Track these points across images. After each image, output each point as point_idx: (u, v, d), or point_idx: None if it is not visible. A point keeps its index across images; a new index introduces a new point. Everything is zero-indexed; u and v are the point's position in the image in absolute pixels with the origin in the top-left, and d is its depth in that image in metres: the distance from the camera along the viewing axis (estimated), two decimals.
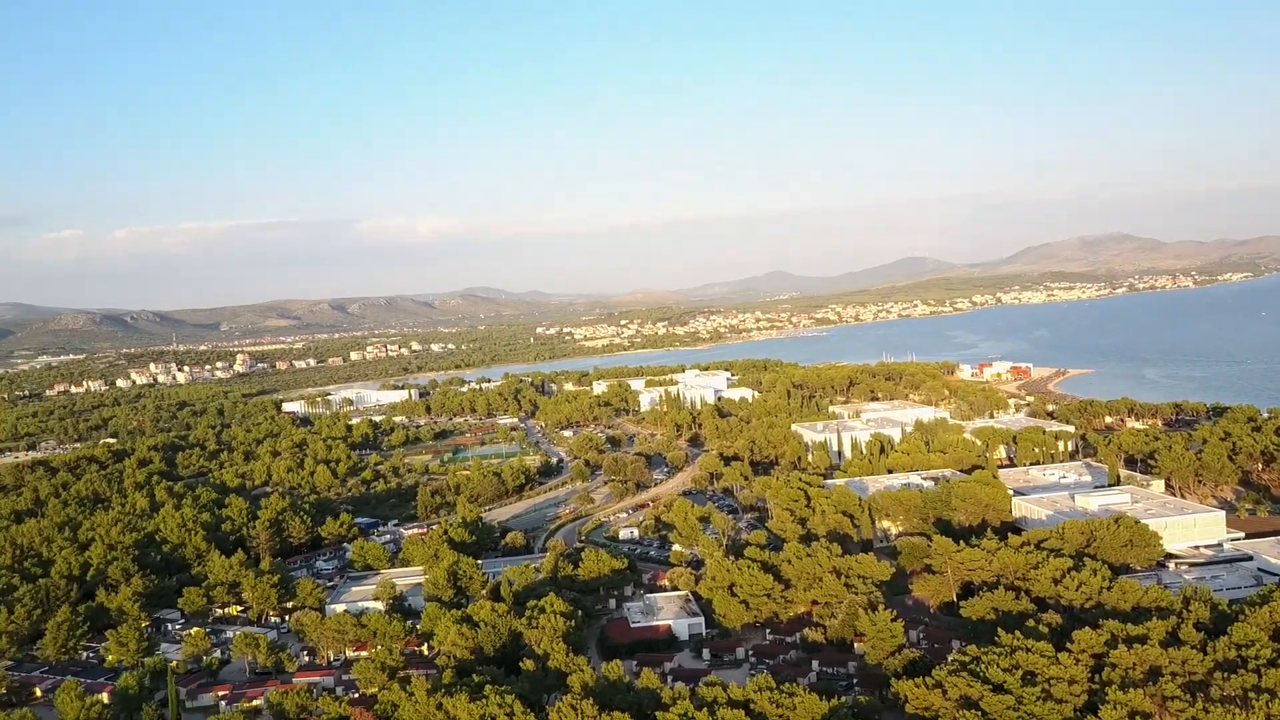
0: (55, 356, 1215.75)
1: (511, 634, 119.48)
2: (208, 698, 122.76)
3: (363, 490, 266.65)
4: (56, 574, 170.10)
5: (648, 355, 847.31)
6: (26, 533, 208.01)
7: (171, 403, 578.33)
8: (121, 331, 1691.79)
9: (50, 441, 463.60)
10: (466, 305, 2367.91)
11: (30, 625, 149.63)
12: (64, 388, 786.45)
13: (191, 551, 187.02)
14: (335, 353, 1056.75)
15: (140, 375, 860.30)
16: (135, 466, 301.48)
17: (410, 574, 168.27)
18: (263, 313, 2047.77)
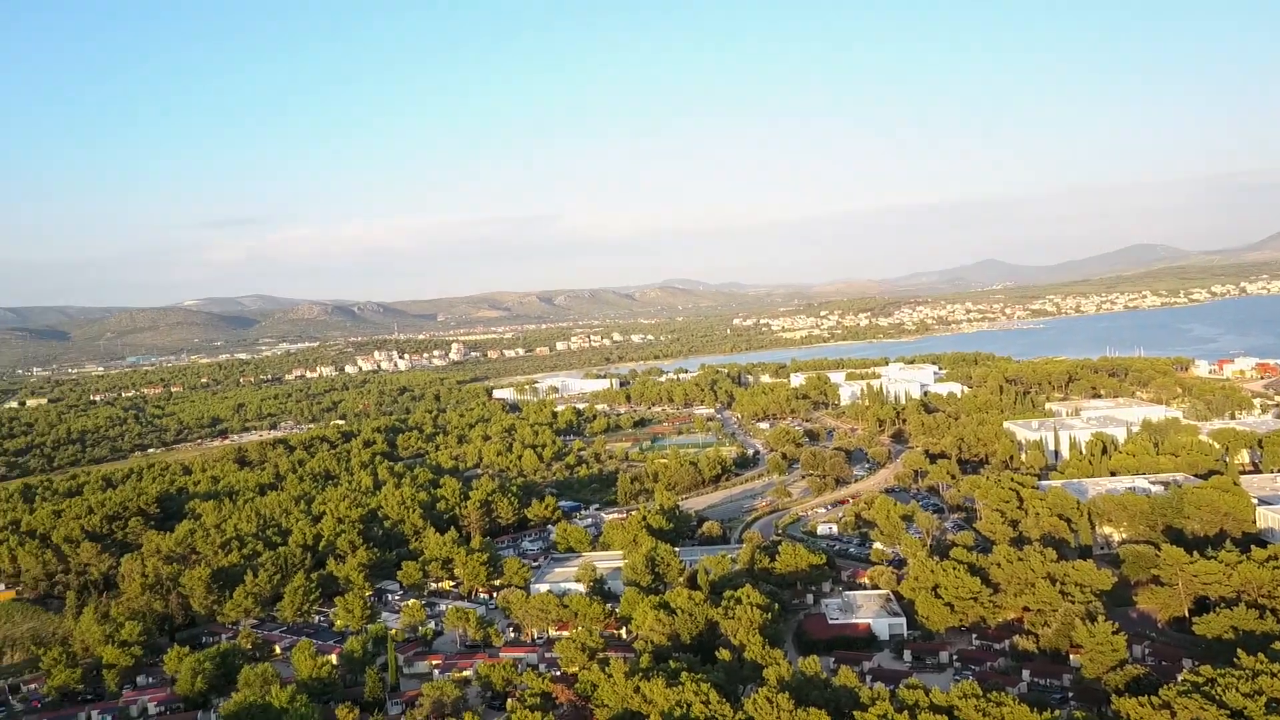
0: (293, 344, 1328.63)
1: (708, 623, 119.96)
2: (423, 666, 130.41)
3: (566, 475, 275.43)
4: (294, 543, 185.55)
5: (848, 347, 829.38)
6: (269, 504, 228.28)
7: (393, 388, 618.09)
8: (350, 321, 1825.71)
9: (289, 421, 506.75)
10: (665, 297, 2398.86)
11: (272, 589, 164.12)
12: (301, 373, 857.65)
13: (409, 528, 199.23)
14: (542, 342, 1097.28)
15: (366, 362, 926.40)
16: (361, 447, 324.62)
17: (610, 558, 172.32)
18: (476, 304, 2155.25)
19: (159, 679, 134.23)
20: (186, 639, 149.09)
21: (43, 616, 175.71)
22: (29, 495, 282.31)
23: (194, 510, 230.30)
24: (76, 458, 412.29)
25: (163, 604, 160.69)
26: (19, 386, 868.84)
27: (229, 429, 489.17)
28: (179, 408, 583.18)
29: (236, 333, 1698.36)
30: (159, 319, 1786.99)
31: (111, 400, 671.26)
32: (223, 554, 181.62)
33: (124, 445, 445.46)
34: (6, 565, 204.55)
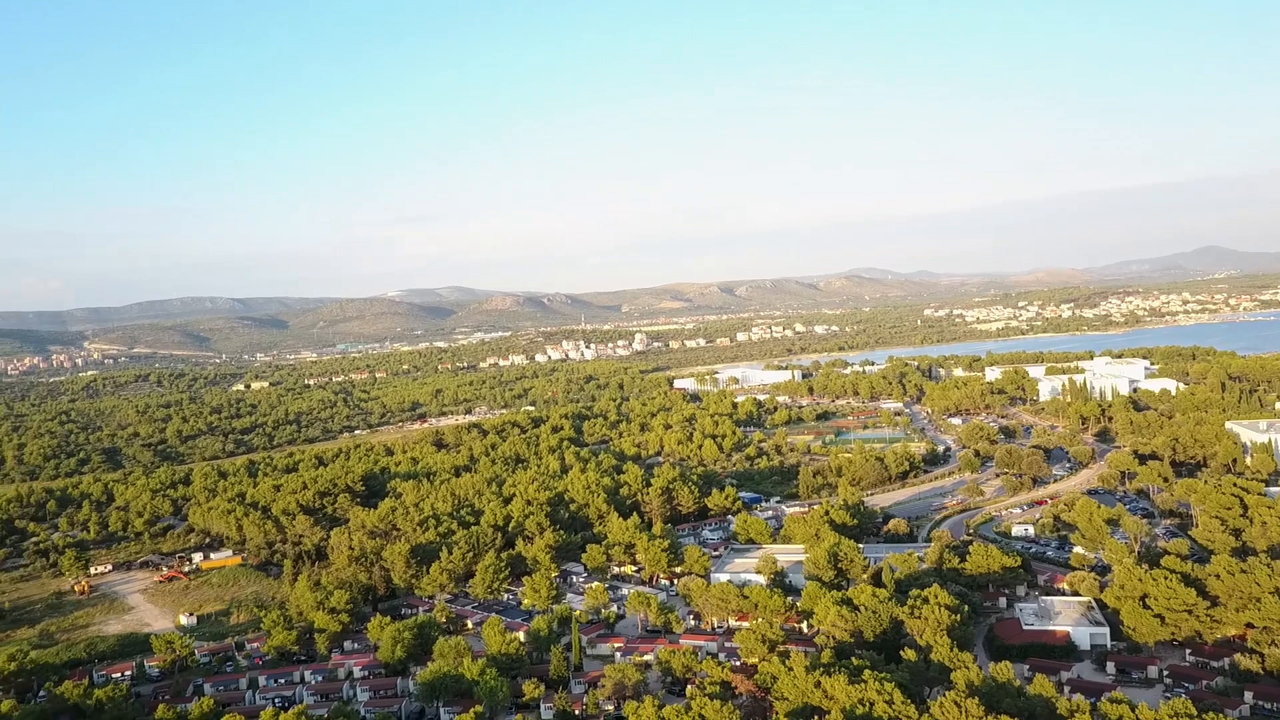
0: (487, 333, 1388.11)
1: (892, 621, 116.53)
2: (605, 648, 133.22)
3: (746, 466, 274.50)
4: (485, 523, 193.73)
5: (1048, 340, 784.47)
6: (463, 485, 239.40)
7: (580, 376, 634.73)
8: (540, 312, 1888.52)
9: (482, 407, 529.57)
10: (851, 286, 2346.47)
11: (465, 566, 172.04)
12: (494, 360, 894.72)
13: (594, 512, 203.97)
14: (723, 333, 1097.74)
15: (554, 351, 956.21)
16: (549, 432, 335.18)
17: (791, 551, 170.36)
18: (658, 295, 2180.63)
19: (363, 645, 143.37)
20: (387, 609, 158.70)
21: (264, 581, 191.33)
22: (253, 471, 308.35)
23: (395, 489, 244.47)
24: (293, 437, 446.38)
25: (367, 575, 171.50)
26: (245, 371, 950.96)
27: (427, 413, 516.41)
28: (383, 392, 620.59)
29: (435, 322, 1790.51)
30: (365, 309, 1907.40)
31: (323, 384, 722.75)
32: (420, 531, 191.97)
33: (334, 426, 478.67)
34: (234, 533, 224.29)
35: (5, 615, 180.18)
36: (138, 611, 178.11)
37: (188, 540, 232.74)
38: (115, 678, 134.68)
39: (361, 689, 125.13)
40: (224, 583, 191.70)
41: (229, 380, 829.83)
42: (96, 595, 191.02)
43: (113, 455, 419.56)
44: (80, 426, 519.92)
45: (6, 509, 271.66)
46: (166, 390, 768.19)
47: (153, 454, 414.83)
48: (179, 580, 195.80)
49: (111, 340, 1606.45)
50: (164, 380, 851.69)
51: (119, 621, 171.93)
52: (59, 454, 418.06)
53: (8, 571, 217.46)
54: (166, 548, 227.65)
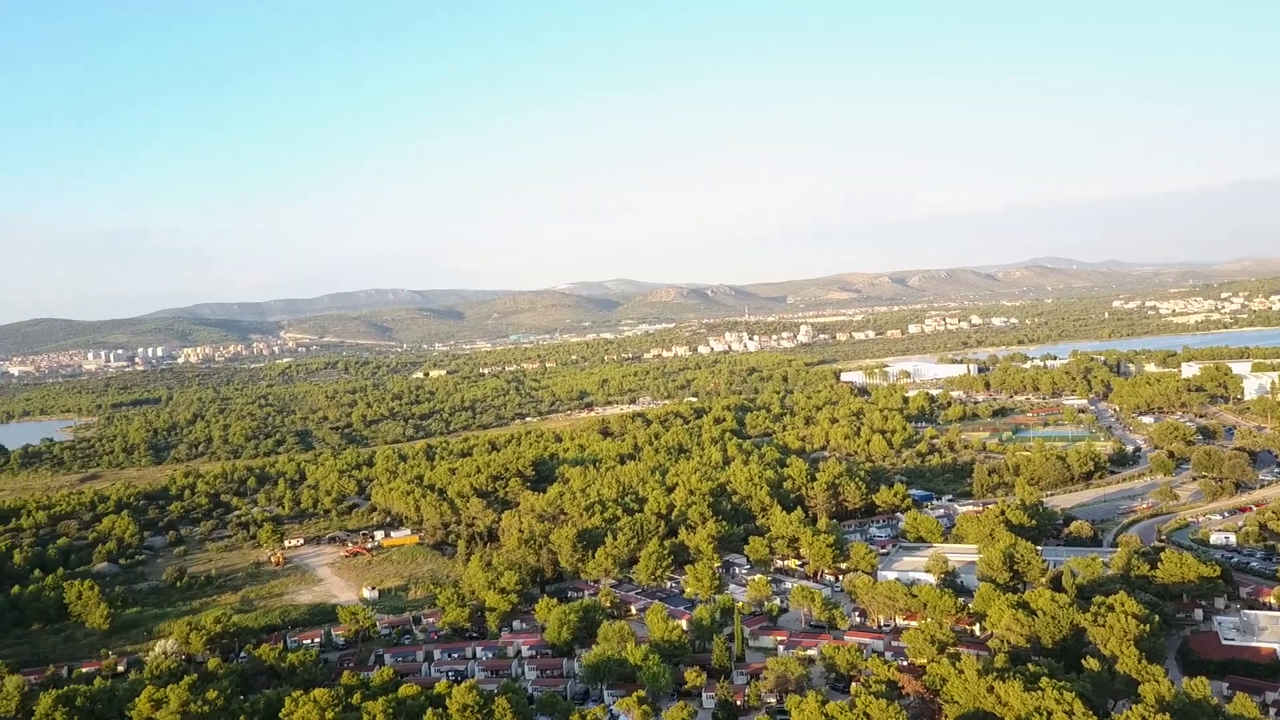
0: (652, 325, 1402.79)
1: (1073, 628, 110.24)
2: (767, 640, 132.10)
3: (917, 462, 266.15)
4: (649, 511, 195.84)
5: (1255, 334, 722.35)
6: (628, 473, 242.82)
7: (743, 368, 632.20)
8: (703, 304, 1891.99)
9: (646, 397, 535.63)
10: (1032, 277, 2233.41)
11: (629, 552, 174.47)
12: (657, 352, 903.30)
13: (757, 505, 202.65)
14: (893, 325, 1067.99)
15: (717, 342, 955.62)
16: (712, 423, 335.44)
17: (963, 551, 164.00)
18: (825, 286, 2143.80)
19: (531, 625, 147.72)
20: (554, 592, 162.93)
21: (439, 560, 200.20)
22: (431, 454, 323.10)
23: (563, 475, 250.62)
24: (468, 423, 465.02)
25: (535, 558, 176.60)
26: (424, 360, 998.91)
27: (594, 402, 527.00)
28: (552, 381, 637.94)
29: (601, 314, 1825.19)
30: (536, 301, 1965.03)
31: (497, 373, 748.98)
32: (587, 516, 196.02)
33: (506, 413, 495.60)
34: (413, 513, 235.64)
35: (212, 581, 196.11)
36: (326, 584, 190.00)
37: (370, 518, 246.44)
38: (306, 644, 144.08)
39: (529, 667, 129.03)
40: (403, 560, 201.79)
41: (409, 368, 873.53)
42: (290, 567, 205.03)
43: (305, 437, 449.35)
44: (277, 410, 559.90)
45: (214, 484, 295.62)
46: (352, 377, 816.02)
47: (340, 436, 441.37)
48: (362, 556, 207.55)
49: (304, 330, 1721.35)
50: (350, 368, 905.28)
51: (309, 592, 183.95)
52: (258, 435, 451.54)
53: (215, 542, 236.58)
54: (352, 525, 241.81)
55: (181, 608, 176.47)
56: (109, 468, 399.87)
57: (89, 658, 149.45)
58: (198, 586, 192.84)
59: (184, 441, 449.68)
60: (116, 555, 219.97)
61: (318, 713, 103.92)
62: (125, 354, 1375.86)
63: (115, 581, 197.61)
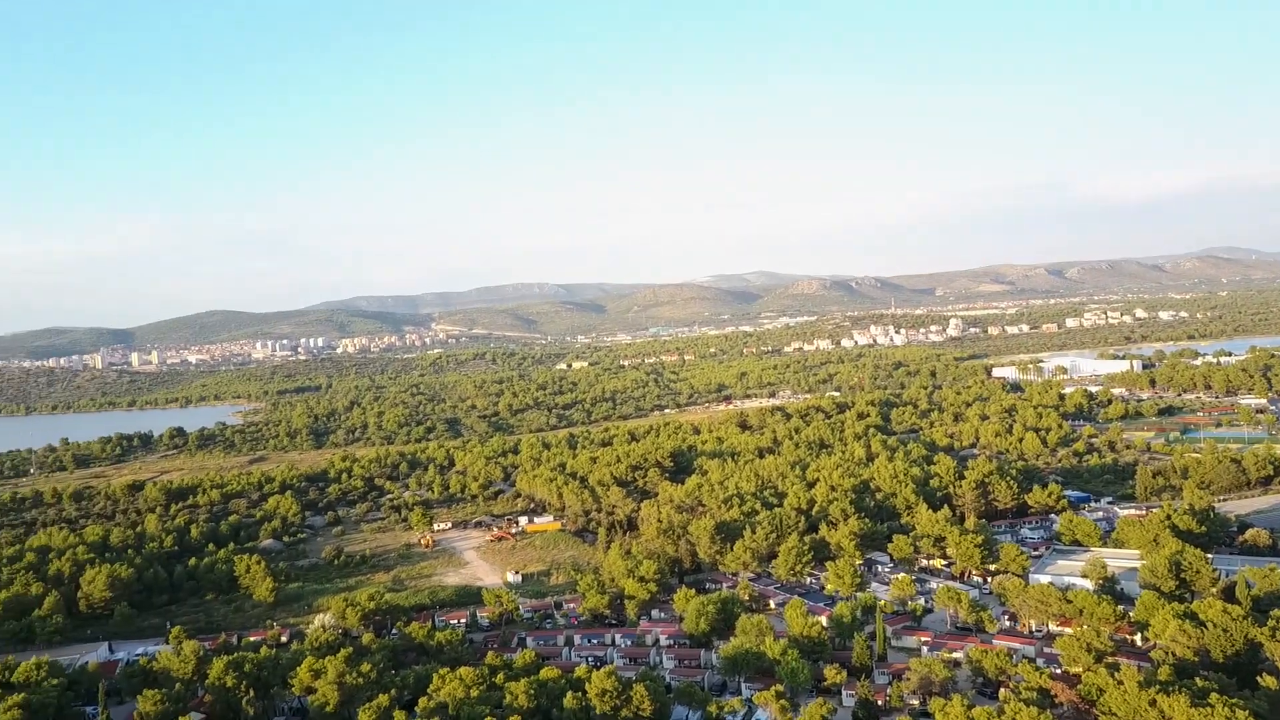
0: (792, 318, 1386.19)
1: (1247, 642, 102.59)
2: (910, 640, 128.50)
3: (1073, 462, 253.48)
4: (789, 505, 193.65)
5: None
6: (766, 467, 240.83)
7: (888, 363, 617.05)
8: (847, 296, 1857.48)
9: (786, 391, 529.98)
10: (1204, 268, 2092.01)
11: (768, 546, 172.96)
12: (798, 345, 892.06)
13: (901, 502, 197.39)
14: (1049, 319, 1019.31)
15: (861, 336, 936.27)
16: (855, 418, 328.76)
17: (1123, 556, 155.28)
18: (976, 278, 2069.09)
19: (669, 615, 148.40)
20: (692, 582, 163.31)
21: (580, 547, 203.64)
22: (573, 443, 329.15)
23: (701, 467, 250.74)
24: (609, 413, 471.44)
25: (674, 548, 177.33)
26: (567, 351, 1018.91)
27: (732, 395, 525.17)
28: (691, 374, 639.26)
29: (741, 307, 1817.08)
30: (676, 294, 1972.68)
31: (637, 365, 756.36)
32: (725, 509, 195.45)
33: (645, 405, 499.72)
34: (555, 500, 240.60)
35: (366, 561, 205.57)
36: (472, 566, 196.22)
37: (515, 504, 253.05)
38: (453, 624, 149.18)
39: (667, 656, 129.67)
40: (545, 545, 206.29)
41: (553, 360, 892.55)
42: (438, 549, 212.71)
43: (453, 424, 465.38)
44: (428, 398, 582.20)
45: (369, 468, 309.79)
46: (499, 368, 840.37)
47: (487, 425, 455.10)
48: (507, 540, 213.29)
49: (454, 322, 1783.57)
50: (497, 359, 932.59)
51: (456, 574, 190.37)
52: (410, 422, 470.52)
53: (369, 523, 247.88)
54: (497, 510, 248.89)
55: (339, 584, 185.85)
56: (274, 450, 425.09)
57: (256, 627, 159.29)
58: (353, 565, 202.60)
59: (342, 427, 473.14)
60: (280, 533, 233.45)
61: (463, 690, 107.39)
62: (289, 344, 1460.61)
63: (279, 558, 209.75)
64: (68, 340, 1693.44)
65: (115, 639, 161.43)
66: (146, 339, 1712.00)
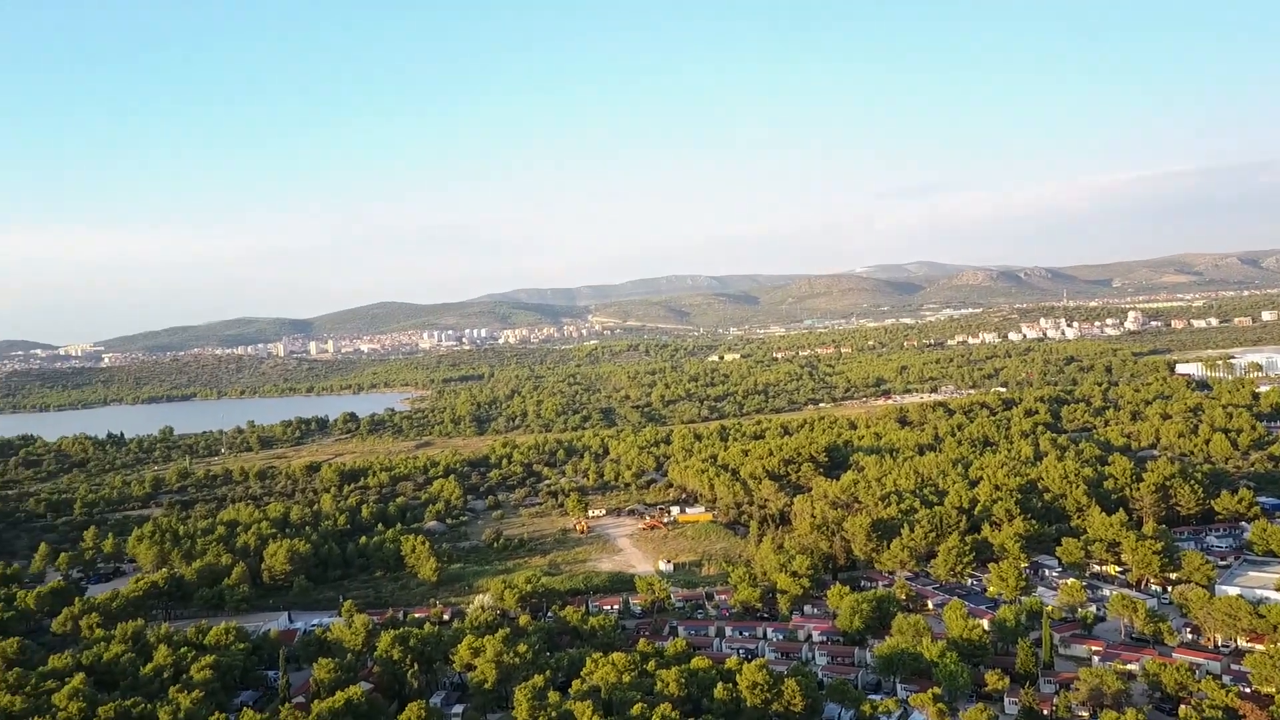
0: (956, 310, 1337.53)
1: None
2: (1080, 649, 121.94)
3: (1269, 467, 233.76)
4: (949, 504, 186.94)
5: None
6: (926, 464, 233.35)
7: (1059, 357, 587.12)
8: (1015, 287, 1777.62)
9: (949, 386, 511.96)
10: None
11: (926, 545, 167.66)
12: (962, 338, 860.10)
13: (1072, 504, 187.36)
14: (1242, 312, 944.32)
15: (1030, 329, 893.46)
16: (1022, 415, 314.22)
17: None
18: (1158, 268, 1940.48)
19: (822, 611, 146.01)
20: (846, 579, 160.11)
21: (731, 539, 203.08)
22: (724, 435, 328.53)
23: (857, 462, 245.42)
24: (761, 406, 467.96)
25: (827, 544, 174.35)
26: (719, 343, 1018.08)
27: (891, 389, 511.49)
28: (847, 367, 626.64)
29: (901, 298, 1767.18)
30: (832, 285, 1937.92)
31: (790, 358, 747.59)
32: (882, 506, 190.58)
33: (799, 398, 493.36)
34: (707, 491, 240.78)
35: (524, 544, 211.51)
36: (625, 554, 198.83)
37: (667, 494, 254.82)
38: (606, 609, 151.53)
39: (820, 653, 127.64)
40: (697, 536, 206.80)
41: (705, 351, 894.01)
42: (593, 535, 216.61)
43: (608, 414, 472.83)
44: (583, 388, 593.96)
45: (528, 455, 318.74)
46: (652, 359, 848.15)
47: (640, 415, 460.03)
48: (659, 530, 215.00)
49: (609, 314, 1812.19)
50: (650, 350, 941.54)
51: (610, 561, 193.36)
52: (567, 411, 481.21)
53: (527, 508, 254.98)
54: (650, 499, 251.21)
55: (497, 566, 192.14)
56: (439, 436, 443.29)
57: (420, 605, 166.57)
58: (512, 548, 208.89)
59: (503, 415, 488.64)
60: (444, 515, 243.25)
61: (615, 675, 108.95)
62: (454, 335, 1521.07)
63: (442, 539, 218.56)
64: (254, 330, 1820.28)
65: (294, 609, 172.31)
66: (324, 329, 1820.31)
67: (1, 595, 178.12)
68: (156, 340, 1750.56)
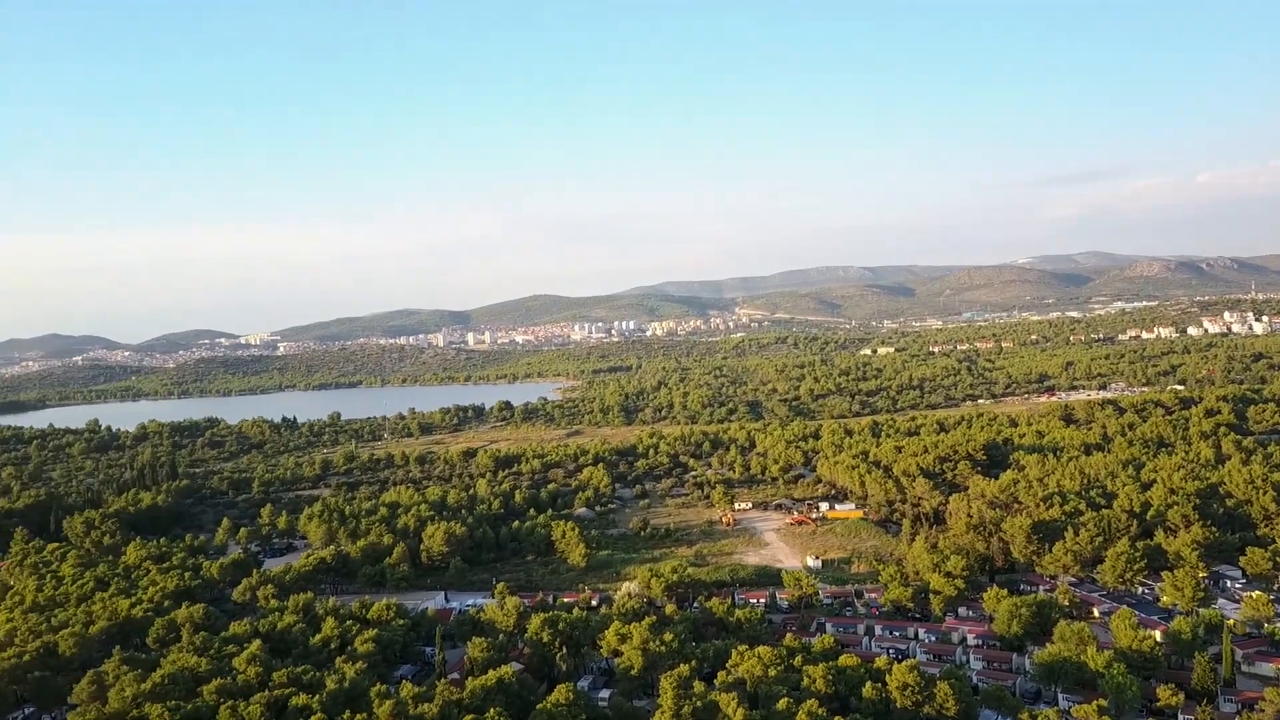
0: (1129, 303, 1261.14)
1: None
2: (1266, 668, 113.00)
3: None
4: (1118, 507, 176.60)
5: None
6: (1093, 464, 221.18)
7: (1245, 354, 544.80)
8: (1195, 279, 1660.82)
9: (1119, 383, 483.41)
10: None
11: (1093, 550, 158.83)
12: (1135, 333, 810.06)
13: (1258, 511, 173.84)
14: None
15: (1212, 323, 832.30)
16: (1201, 416, 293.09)
17: None
18: None
19: (978, 614, 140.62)
20: (1004, 582, 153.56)
21: (882, 537, 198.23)
22: (876, 431, 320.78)
23: (1018, 461, 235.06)
24: (915, 402, 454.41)
25: (984, 545, 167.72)
26: (872, 336, 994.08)
27: (1055, 386, 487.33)
28: (1008, 362, 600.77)
29: (1068, 290, 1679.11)
30: (993, 276, 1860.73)
31: (947, 352, 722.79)
32: (1044, 507, 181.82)
33: (956, 394, 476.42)
34: (857, 488, 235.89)
35: (670, 534, 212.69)
36: (771, 548, 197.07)
37: (815, 489, 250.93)
38: (752, 603, 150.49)
39: (974, 657, 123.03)
40: (846, 533, 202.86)
41: (856, 345, 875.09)
42: (739, 528, 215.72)
43: (754, 407, 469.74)
44: (730, 381, 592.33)
45: (674, 445, 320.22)
46: (801, 352, 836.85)
47: (787, 408, 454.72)
48: (806, 525, 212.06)
49: (757, 306, 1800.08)
50: (799, 343, 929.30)
51: (756, 554, 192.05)
52: (713, 403, 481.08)
53: (674, 498, 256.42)
54: (797, 494, 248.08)
55: (644, 555, 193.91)
56: (588, 425, 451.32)
57: (569, 589, 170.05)
58: (658, 537, 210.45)
59: (650, 405, 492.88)
60: (593, 503, 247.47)
61: (761, 668, 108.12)
62: (603, 326, 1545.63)
63: (591, 526, 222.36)
64: (415, 321, 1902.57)
65: (449, 589, 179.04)
66: (481, 320, 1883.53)
67: (190, 565, 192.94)
68: (326, 330, 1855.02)
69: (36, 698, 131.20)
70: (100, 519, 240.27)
